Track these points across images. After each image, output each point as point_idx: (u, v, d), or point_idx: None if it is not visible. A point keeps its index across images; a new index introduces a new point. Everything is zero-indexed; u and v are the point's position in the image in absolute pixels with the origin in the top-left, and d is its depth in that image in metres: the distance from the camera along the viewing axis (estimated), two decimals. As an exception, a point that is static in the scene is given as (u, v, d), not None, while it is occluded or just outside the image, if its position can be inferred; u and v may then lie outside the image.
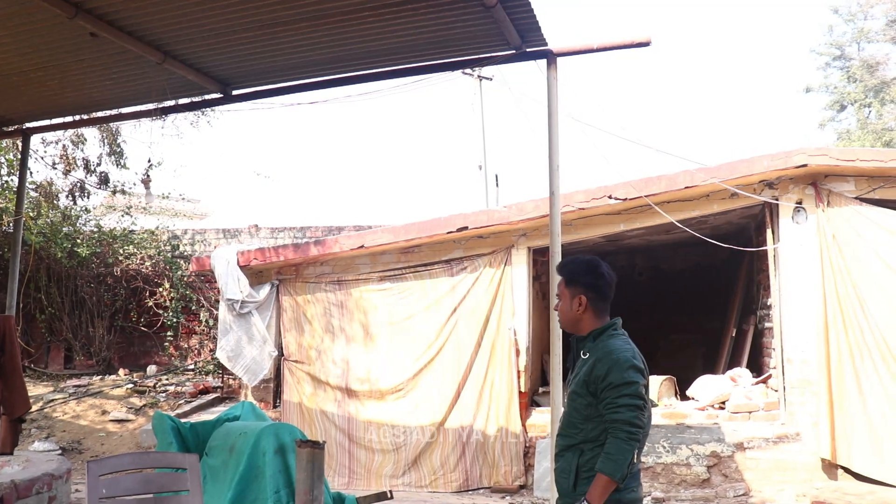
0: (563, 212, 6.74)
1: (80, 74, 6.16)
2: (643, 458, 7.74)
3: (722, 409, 8.16)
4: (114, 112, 6.88)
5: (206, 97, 6.69)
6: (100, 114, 6.98)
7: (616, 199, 7.88)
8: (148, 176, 6.70)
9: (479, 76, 16.69)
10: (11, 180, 10.68)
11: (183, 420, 6.15)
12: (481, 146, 16.98)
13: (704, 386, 8.44)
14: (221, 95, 6.44)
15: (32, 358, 12.48)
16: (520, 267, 8.46)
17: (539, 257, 9.30)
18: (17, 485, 5.27)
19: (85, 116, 7.15)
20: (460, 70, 5.96)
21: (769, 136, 47.52)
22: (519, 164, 42.89)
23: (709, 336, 11.59)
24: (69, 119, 7.34)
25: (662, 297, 12.38)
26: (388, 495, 5.03)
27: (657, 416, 8.13)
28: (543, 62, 5.72)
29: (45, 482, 5.49)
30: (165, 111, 6.57)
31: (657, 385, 8.70)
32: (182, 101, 6.53)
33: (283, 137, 51.07)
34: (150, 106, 6.55)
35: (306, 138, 52.35)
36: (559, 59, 5.71)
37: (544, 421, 8.23)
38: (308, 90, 6.26)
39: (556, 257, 5.57)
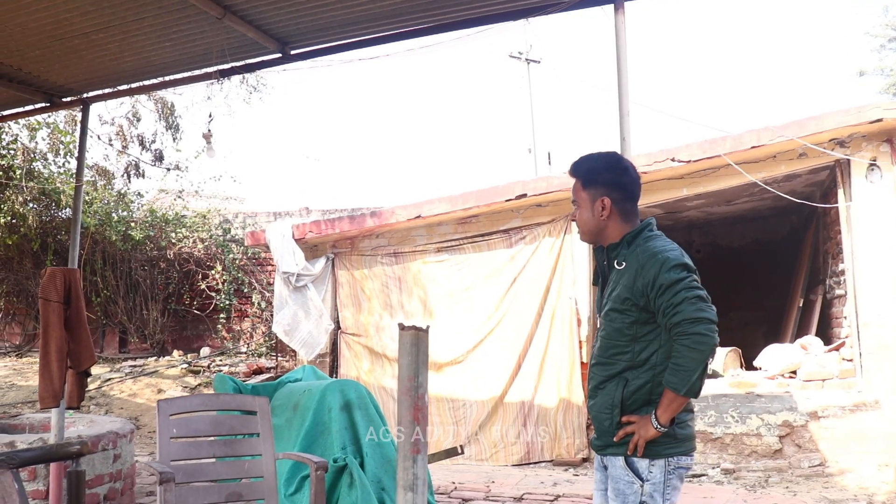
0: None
1: (140, 35, 6.12)
2: (711, 429, 7.54)
3: (792, 378, 7.87)
4: (174, 77, 6.84)
5: (265, 58, 6.62)
6: (159, 79, 6.96)
7: (679, 161, 7.64)
8: (210, 131, 6.61)
9: (527, 59, 16.51)
10: (69, 161, 10.79)
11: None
12: (530, 128, 16.80)
13: (772, 355, 8.14)
14: (280, 55, 6.37)
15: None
16: (580, 235, 8.24)
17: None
18: (84, 440, 5.25)
19: (143, 83, 7.13)
20: (524, 19, 5.78)
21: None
22: (569, 146, 42.60)
23: (769, 314, 11.25)
24: (128, 87, 7.33)
25: (721, 274, 12.03)
26: (460, 450, 4.89)
27: (724, 387, 7.87)
28: (610, 7, 5.54)
29: (111, 439, 5.49)
30: (224, 73, 6.50)
31: (722, 356, 8.45)
32: (240, 63, 6.47)
33: (331, 121, 51.46)
34: (209, 70, 6.49)
35: (354, 121, 52.66)
36: (626, 4, 5.53)
37: (607, 392, 8.02)
38: (366, 46, 6.14)
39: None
